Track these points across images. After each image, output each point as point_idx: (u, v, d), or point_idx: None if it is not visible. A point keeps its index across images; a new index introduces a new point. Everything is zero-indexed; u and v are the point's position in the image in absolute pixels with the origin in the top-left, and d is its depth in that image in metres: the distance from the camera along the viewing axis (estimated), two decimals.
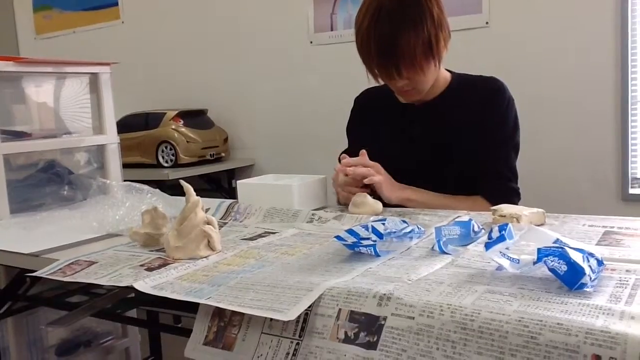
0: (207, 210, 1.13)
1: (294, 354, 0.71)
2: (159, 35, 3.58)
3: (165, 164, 3.05)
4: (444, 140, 1.41)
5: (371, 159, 1.50)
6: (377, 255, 0.89)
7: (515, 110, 1.42)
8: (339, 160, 1.64)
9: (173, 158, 3.02)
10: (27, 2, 4.14)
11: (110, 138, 1.72)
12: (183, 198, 1.02)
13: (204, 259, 0.97)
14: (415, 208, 1.34)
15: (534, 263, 0.73)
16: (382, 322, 0.68)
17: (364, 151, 1.37)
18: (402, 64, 1.31)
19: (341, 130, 1.64)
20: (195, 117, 3.15)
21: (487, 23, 2.56)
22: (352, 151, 1.62)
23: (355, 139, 1.61)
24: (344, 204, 1.39)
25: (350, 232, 0.90)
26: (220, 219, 1.28)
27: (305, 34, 3.05)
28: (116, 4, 3.72)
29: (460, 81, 1.46)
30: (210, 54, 3.40)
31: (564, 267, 0.69)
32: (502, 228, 0.82)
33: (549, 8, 2.43)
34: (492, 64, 2.45)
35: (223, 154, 3.23)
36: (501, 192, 1.35)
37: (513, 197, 1.39)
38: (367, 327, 0.68)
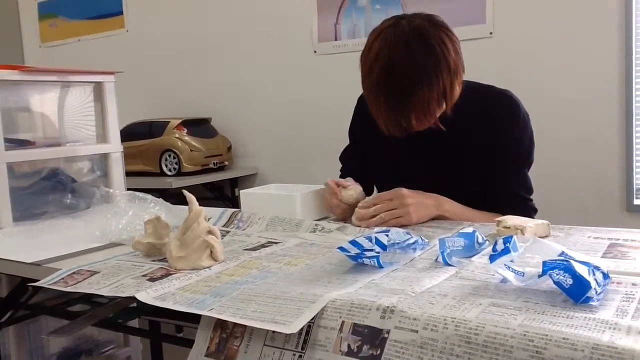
0: (209, 220, 1.13)
1: None
2: (163, 44, 3.59)
3: (169, 173, 3.05)
4: (452, 152, 1.39)
5: (373, 163, 1.47)
6: (381, 267, 0.89)
7: (530, 128, 1.37)
8: (340, 160, 1.64)
9: (176, 166, 3.02)
10: (33, 10, 4.17)
11: (114, 147, 1.72)
12: (186, 207, 1.02)
13: (206, 269, 0.96)
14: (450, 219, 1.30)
15: (539, 276, 0.73)
16: (386, 335, 0.67)
17: (350, 179, 1.34)
18: (413, 117, 1.24)
19: (345, 139, 1.64)
20: (198, 126, 3.15)
21: (491, 33, 2.56)
22: (352, 151, 1.61)
23: (356, 140, 1.60)
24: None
25: (354, 243, 0.89)
26: (223, 227, 1.28)
27: (309, 43, 3.06)
28: (121, 13, 3.74)
29: (472, 92, 1.37)
30: (214, 63, 3.40)
31: (570, 281, 0.68)
32: (506, 240, 0.82)
33: (552, 18, 2.43)
34: (496, 74, 2.43)
35: (226, 163, 3.23)
36: (521, 213, 1.25)
37: (531, 214, 1.35)
38: (370, 340, 0.68)
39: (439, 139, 1.38)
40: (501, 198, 1.36)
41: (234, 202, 3.14)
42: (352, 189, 1.31)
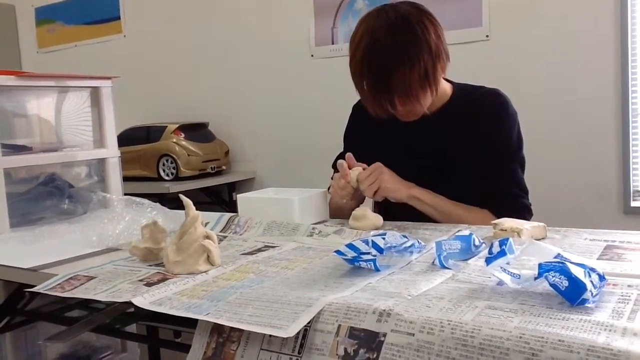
0: (206, 224, 1.13)
1: None
2: (160, 49, 3.59)
3: (166, 177, 3.05)
4: (445, 153, 1.40)
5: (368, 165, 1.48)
6: (377, 270, 0.89)
7: (518, 125, 1.40)
8: (333, 167, 1.64)
9: (174, 171, 3.02)
10: (30, 15, 4.17)
11: (111, 152, 1.72)
12: (183, 212, 1.02)
13: (203, 273, 0.96)
14: (424, 209, 1.33)
15: (535, 278, 0.73)
16: (382, 339, 0.67)
17: (350, 155, 1.38)
18: (396, 98, 1.28)
19: (342, 143, 1.64)
20: (196, 131, 3.15)
21: (487, 36, 2.57)
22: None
23: (352, 146, 1.60)
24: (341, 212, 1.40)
25: (350, 246, 0.89)
26: (220, 232, 1.28)
27: (306, 47, 3.07)
28: (118, 18, 3.75)
29: (462, 93, 1.43)
30: (211, 68, 3.41)
31: (565, 283, 0.68)
32: (502, 243, 0.82)
33: (548, 21, 2.44)
34: (493, 77, 2.43)
35: (224, 167, 3.23)
36: (514, 211, 1.27)
37: (525, 213, 1.35)
38: (366, 343, 0.68)
39: (433, 138, 1.40)
40: (492, 195, 1.37)
41: (232, 207, 3.14)
42: (358, 170, 1.36)
